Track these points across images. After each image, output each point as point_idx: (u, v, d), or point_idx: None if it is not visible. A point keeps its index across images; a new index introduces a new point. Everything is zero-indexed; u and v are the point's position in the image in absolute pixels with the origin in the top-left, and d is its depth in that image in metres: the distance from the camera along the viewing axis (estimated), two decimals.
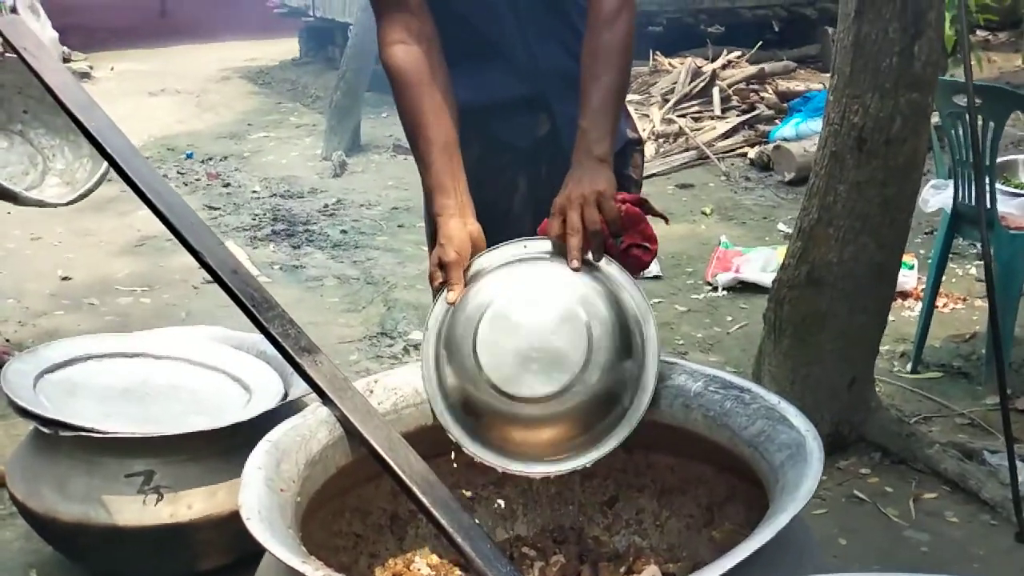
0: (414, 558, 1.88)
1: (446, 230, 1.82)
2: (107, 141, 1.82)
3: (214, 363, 2.79)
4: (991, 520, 2.80)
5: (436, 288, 1.81)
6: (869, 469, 3.05)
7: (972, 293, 4.49)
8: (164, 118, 8.80)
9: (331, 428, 1.69)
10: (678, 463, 1.89)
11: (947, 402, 3.48)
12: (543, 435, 1.71)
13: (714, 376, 1.75)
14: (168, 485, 2.39)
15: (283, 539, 1.35)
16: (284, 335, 1.73)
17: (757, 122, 7.38)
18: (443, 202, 1.86)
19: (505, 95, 2.06)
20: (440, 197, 1.86)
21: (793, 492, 1.38)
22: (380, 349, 4.11)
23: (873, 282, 3.00)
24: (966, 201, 3.50)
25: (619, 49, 1.89)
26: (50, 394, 2.54)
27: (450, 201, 1.85)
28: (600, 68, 1.87)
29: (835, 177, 2.94)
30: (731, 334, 4.16)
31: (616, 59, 1.89)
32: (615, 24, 1.89)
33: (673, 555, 1.88)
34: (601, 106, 1.84)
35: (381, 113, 8.34)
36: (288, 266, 5.15)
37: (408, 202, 6.22)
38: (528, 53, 2.05)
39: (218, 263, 1.77)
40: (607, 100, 1.85)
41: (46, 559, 2.67)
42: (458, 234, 1.82)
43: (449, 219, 1.83)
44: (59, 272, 4.99)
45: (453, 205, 1.85)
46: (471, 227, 1.84)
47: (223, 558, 2.50)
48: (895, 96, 2.82)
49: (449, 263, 1.79)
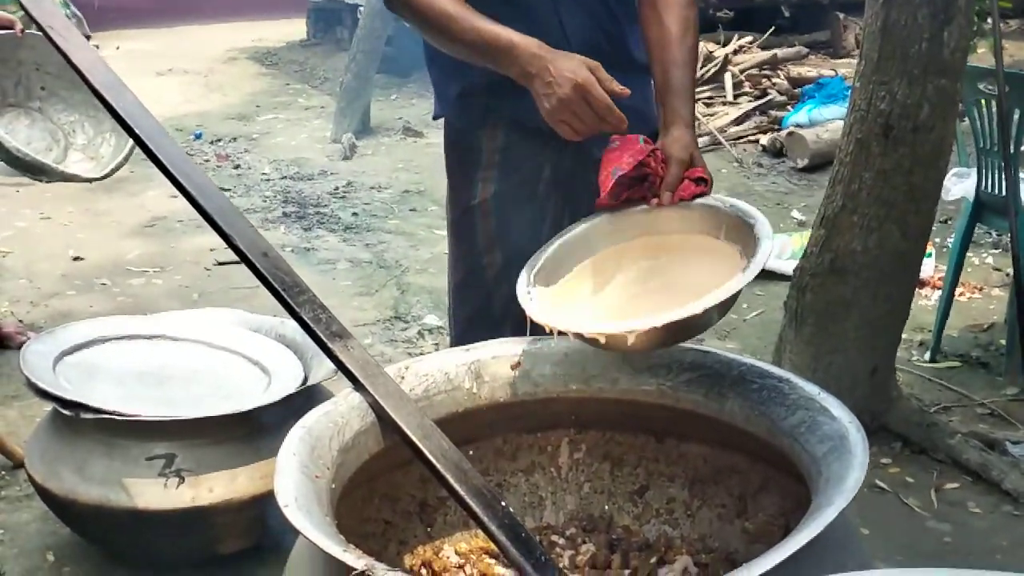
0: (443, 546, 1.86)
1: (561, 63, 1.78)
2: (136, 122, 1.79)
3: (233, 346, 2.77)
4: (1013, 511, 2.79)
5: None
6: (890, 459, 3.04)
7: (989, 282, 4.47)
8: (172, 98, 8.76)
9: (363, 414, 1.66)
10: (711, 453, 1.86)
11: (967, 392, 3.47)
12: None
13: (751, 366, 1.73)
14: (189, 468, 2.37)
15: (321, 526, 1.32)
16: (315, 320, 1.70)
17: (769, 108, 7.34)
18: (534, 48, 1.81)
19: None
20: (528, 44, 1.81)
21: (839, 485, 1.35)
22: (394, 333, 4.09)
23: (897, 271, 2.98)
24: (988, 189, 3.47)
25: (695, 29, 1.99)
26: (69, 376, 2.52)
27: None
28: (683, 51, 1.94)
29: (860, 164, 2.91)
30: (747, 321, 4.14)
31: (694, 39, 1.98)
32: (693, 5, 1.99)
33: (705, 545, 1.85)
34: (688, 85, 1.92)
35: (391, 95, 8.31)
36: (300, 249, 5.12)
37: (419, 185, 6.20)
38: (559, 28, 2.02)
39: (248, 245, 1.74)
40: (691, 80, 1.94)
41: (64, 541, 2.66)
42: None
43: (556, 55, 1.80)
44: (70, 252, 4.97)
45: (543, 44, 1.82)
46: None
47: (243, 542, 2.49)
48: (923, 83, 2.79)
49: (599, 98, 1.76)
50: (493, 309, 2.23)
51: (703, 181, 1.87)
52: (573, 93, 1.76)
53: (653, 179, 1.86)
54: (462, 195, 2.20)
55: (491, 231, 2.18)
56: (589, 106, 1.76)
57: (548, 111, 1.80)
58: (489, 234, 2.18)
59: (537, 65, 1.79)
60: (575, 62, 1.78)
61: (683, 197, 1.85)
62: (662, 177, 1.85)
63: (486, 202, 2.16)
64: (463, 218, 2.21)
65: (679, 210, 1.85)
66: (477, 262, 2.23)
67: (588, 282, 1.86)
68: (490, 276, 2.21)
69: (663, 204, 1.83)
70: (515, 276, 2.11)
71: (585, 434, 1.94)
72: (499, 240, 2.17)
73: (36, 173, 3.10)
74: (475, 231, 2.20)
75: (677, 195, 1.84)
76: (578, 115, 1.78)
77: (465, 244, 2.23)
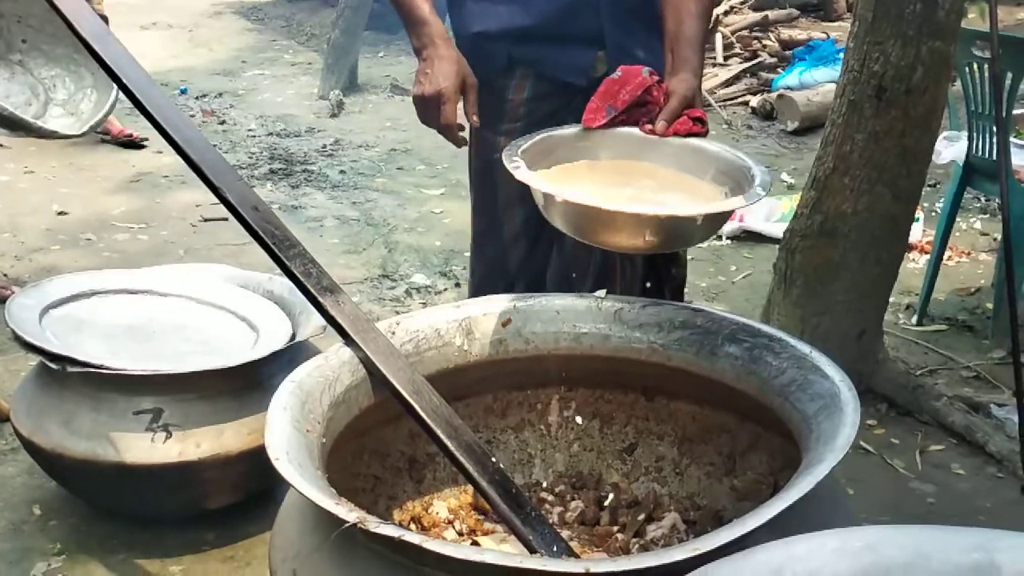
0: (432, 501, 1.87)
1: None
2: (124, 72, 1.76)
3: (221, 302, 2.75)
4: (997, 473, 2.81)
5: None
6: (876, 420, 3.05)
7: (976, 247, 4.48)
8: (156, 52, 8.64)
9: (354, 369, 1.66)
10: (700, 411, 1.87)
11: (952, 355, 3.48)
12: None
13: (743, 324, 1.73)
14: (177, 423, 2.36)
15: (313, 480, 1.32)
16: (306, 274, 1.69)
17: (760, 70, 7.31)
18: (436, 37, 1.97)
19: (562, 27, 2.01)
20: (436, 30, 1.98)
21: (830, 442, 1.36)
22: (382, 291, 4.07)
23: (887, 234, 2.98)
24: (979, 154, 3.47)
25: None
26: (56, 329, 2.50)
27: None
28: (698, 4, 1.96)
29: (852, 126, 2.90)
30: (736, 283, 4.14)
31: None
32: None
33: (693, 503, 1.87)
34: (700, 36, 1.95)
35: (379, 53, 8.23)
36: (287, 206, 5.08)
37: (407, 144, 6.15)
38: None
39: (238, 199, 1.72)
40: (703, 33, 1.98)
41: (50, 495, 2.65)
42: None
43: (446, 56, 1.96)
44: (54, 207, 4.92)
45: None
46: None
47: (230, 497, 2.49)
48: (917, 44, 2.77)
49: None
50: (508, 266, 2.27)
51: (701, 122, 1.86)
52: (432, 94, 1.95)
53: (652, 108, 1.85)
54: (484, 147, 2.21)
55: (512, 188, 2.18)
56: (438, 112, 1.96)
57: (413, 92, 2.01)
58: (509, 190, 2.16)
59: (428, 52, 1.97)
60: (453, 71, 1.93)
61: (678, 131, 1.84)
62: (661, 107, 1.84)
63: None
64: (485, 169, 2.23)
65: (670, 144, 1.83)
66: (496, 217, 2.26)
67: (567, 176, 1.83)
68: (507, 232, 2.25)
69: (656, 132, 1.83)
70: (531, 235, 2.15)
71: (575, 392, 1.94)
72: (519, 197, 2.16)
73: (13, 128, 3.04)
74: (496, 185, 2.22)
75: (673, 128, 1.84)
76: (427, 113, 1.99)
77: (487, 196, 2.26)
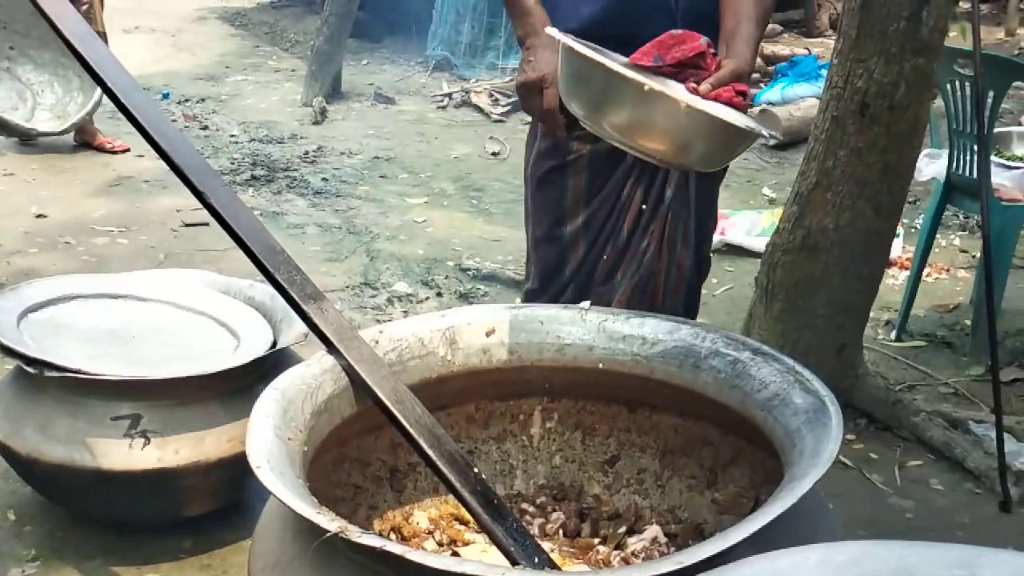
0: (413, 511, 1.86)
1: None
2: (107, 74, 1.75)
3: (202, 308, 2.74)
4: (975, 489, 2.82)
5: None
6: (855, 435, 3.06)
7: (955, 264, 4.51)
8: (139, 56, 8.60)
9: (336, 378, 1.65)
10: (683, 424, 1.87)
11: (931, 371, 3.50)
12: None
13: (727, 338, 1.73)
14: (155, 430, 2.34)
15: (294, 488, 1.31)
16: (290, 282, 1.69)
17: None
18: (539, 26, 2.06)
19: (637, 27, 2.04)
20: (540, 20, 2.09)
21: (813, 457, 1.36)
22: (363, 300, 4.06)
23: (868, 249, 2.99)
24: (960, 171, 3.49)
25: None
26: (34, 333, 2.48)
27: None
28: (759, 8, 2.04)
29: (835, 142, 2.91)
30: (716, 296, 4.15)
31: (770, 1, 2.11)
32: None
33: (674, 516, 1.87)
34: (756, 38, 2.02)
35: (363, 60, 8.22)
36: (268, 212, 5.06)
37: (389, 152, 6.14)
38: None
39: (222, 205, 1.71)
40: (759, 36, 2.04)
41: (25, 500, 2.62)
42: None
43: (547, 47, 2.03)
44: (33, 209, 4.88)
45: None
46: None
47: (209, 504, 2.47)
48: (900, 61, 2.79)
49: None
50: (565, 268, 2.32)
51: (743, 96, 1.89)
52: (535, 80, 2.06)
53: (703, 74, 1.88)
54: (558, 150, 2.26)
55: (580, 190, 2.27)
56: (540, 97, 2.06)
57: (516, 80, 2.13)
58: (577, 192, 2.27)
59: (532, 40, 2.09)
60: (556, 59, 1.94)
61: (720, 97, 1.85)
62: (711, 73, 1.88)
63: (580, 159, 2.24)
64: (552, 173, 2.29)
65: (706, 109, 1.74)
66: (560, 219, 2.31)
67: None
68: (568, 234, 2.30)
69: (699, 92, 1.84)
70: (590, 237, 2.28)
71: (558, 403, 1.94)
72: (584, 200, 2.27)
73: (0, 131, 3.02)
74: (565, 188, 2.28)
75: (716, 92, 1.85)
76: (529, 98, 2.09)
77: (552, 199, 2.31)
